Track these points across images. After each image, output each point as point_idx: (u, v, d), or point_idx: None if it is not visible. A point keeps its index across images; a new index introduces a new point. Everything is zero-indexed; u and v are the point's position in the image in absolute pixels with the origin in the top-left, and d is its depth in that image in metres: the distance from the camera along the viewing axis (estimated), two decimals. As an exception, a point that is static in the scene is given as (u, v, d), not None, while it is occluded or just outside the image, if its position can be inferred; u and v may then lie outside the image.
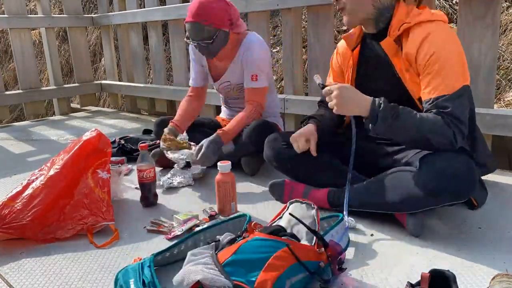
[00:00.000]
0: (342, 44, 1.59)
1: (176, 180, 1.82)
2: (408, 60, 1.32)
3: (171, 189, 1.81)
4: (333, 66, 1.65)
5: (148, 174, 1.60)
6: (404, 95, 1.37)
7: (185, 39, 1.90)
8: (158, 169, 2.11)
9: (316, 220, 1.15)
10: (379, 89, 1.42)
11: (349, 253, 1.23)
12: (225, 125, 2.20)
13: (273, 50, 3.72)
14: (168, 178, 1.84)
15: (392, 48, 1.35)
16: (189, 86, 2.16)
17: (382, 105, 1.23)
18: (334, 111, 1.27)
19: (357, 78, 1.53)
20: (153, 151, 2.05)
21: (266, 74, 1.94)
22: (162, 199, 1.71)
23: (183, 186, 1.83)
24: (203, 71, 2.12)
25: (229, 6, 1.83)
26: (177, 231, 1.39)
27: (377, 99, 1.26)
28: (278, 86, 3.43)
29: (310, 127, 1.55)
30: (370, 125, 1.25)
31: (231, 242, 1.07)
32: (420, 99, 1.34)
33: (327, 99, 1.29)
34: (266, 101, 1.98)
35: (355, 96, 1.27)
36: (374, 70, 1.46)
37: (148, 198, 1.64)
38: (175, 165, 1.88)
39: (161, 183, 1.81)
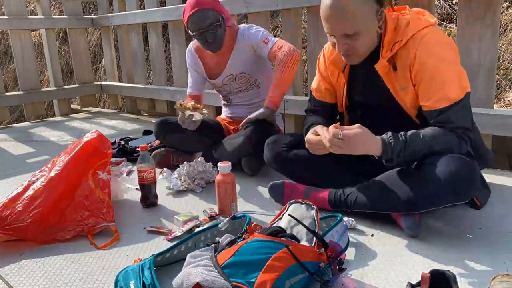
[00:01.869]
0: (328, 52, 1.51)
1: (184, 185, 1.80)
2: (404, 78, 1.30)
3: (171, 189, 1.81)
4: (321, 72, 1.55)
5: (148, 175, 1.60)
6: (399, 112, 1.37)
7: (192, 34, 1.90)
8: (158, 170, 2.11)
9: (316, 221, 1.15)
10: (374, 104, 1.42)
11: (349, 254, 1.23)
12: (226, 125, 2.22)
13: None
14: (176, 178, 1.82)
15: (385, 68, 1.32)
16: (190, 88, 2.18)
17: (393, 143, 1.22)
18: (335, 151, 1.24)
19: (349, 94, 1.49)
20: (154, 152, 2.06)
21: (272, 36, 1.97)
22: (162, 199, 1.71)
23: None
24: (200, 78, 2.16)
25: (219, 1, 1.90)
26: (177, 232, 1.39)
27: (386, 137, 1.24)
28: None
29: None
30: (383, 160, 1.26)
31: (231, 243, 1.07)
32: (418, 115, 1.33)
33: (333, 141, 1.22)
34: (288, 44, 1.93)
35: (366, 139, 1.23)
36: (367, 88, 1.43)
37: (148, 198, 1.64)
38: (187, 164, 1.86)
39: (170, 186, 1.81)
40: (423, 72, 1.25)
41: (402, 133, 1.25)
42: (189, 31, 1.91)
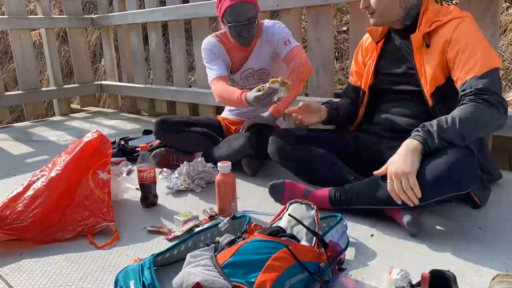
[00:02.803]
0: (367, 37, 1.68)
1: (184, 185, 1.80)
2: (434, 54, 1.39)
3: (171, 189, 1.81)
4: (357, 61, 1.72)
5: (148, 175, 1.60)
6: (415, 91, 1.46)
7: (227, 24, 1.85)
8: (157, 170, 2.11)
9: (316, 221, 1.15)
10: (395, 82, 1.54)
11: (349, 254, 1.23)
12: (226, 125, 2.21)
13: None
14: (176, 178, 1.82)
15: (418, 42, 1.41)
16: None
17: (421, 131, 1.26)
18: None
19: (376, 70, 1.61)
20: (154, 152, 2.06)
21: (293, 38, 1.98)
22: (162, 199, 1.71)
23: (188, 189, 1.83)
24: (225, 64, 2.07)
25: None
26: (177, 232, 1.39)
27: (412, 134, 1.28)
28: (278, 87, 3.42)
29: (321, 107, 1.70)
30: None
31: (231, 243, 1.07)
32: (433, 93, 1.41)
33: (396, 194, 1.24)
34: (305, 54, 1.96)
35: (404, 159, 1.23)
36: (393, 64, 1.54)
37: (148, 198, 1.65)
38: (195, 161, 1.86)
39: (170, 185, 1.81)
40: (459, 45, 1.34)
41: (426, 123, 1.28)
42: (224, 20, 1.87)
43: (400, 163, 1.22)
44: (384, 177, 1.31)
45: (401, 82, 1.52)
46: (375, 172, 1.32)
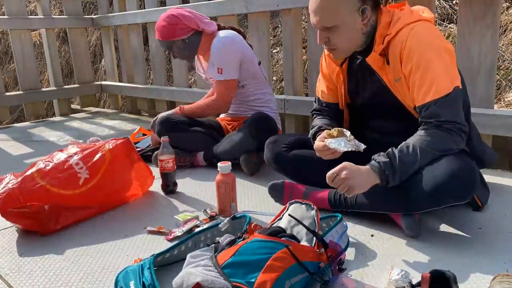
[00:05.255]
0: (328, 54, 1.50)
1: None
2: (396, 69, 1.30)
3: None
4: (324, 72, 1.57)
5: (167, 164, 1.69)
6: (397, 106, 1.36)
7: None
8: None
9: (316, 221, 1.15)
10: (371, 100, 1.43)
11: (349, 254, 1.22)
12: (225, 125, 2.22)
13: (273, 51, 3.72)
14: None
15: (378, 61, 1.32)
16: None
17: (384, 167, 1.20)
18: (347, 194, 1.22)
19: (349, 91, 1.49)
20: (156, 152, 2.06)
21: (234, 67, 2.01)
22: (163, 199, 1.71)
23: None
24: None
25: (179, 18, 1.99)
26: (177, 232, 1.39)
27: (375, 164, 1.21)
28: (278, 87, 3.43)
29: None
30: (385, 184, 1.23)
31: (231, 243, 1.07)
32: (415, 107, 1.31)
33: (332, 183, 1.22)
34: (231, 96, 2.07)
35: (360, 173, 1.21)
36: (363, 83, 1.43)
37: (169, 186, 1.76)
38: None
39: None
40: (411, 64, 1.24)
41: (390, 153, 1.22)
42: None
43: (357, 180, 1.19)
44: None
45: (376, 100, 1.41)
46: (328, 173, 1.22)
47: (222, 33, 2.04)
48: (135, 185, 1.69)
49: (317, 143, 1.35)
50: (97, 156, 1.59)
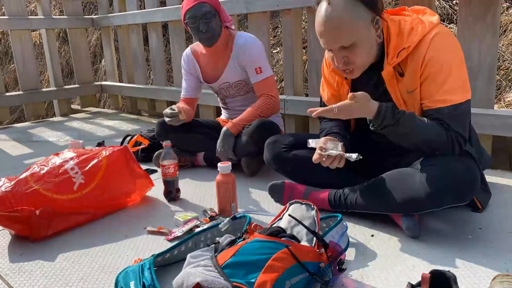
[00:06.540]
0: (329, 60, 1.47)
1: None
2: (412, 81, 1.28)
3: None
4: (326, 79, 1.56)
5: (169, 170, 1.66)
6: None
7: (186, 23, 1.92)
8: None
9: (316, 221, 1.15)
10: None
11: (350, 254, 1.22)
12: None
13: (273, 51, 3.72)
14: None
15: (390, 74, 1.31)
16: (180, 99, 2.18)
17: (386, 114, 1.21)
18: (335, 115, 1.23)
19: None
20: (156, 152, 2.07)
21: (268, 64, 1.99)
22: (163, 200, 1.71)
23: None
24: (195, 81, 2.16)
25: (219, 3, 1.92)
26: (177, 232, 1.39)
27: (383, 107, 1.22)
28: (279, 87, 3.43)
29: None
30: (371, 125, 1.25)
31: (231, 243, 1.07)
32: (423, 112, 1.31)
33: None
34: (277, 91, 2.00)
35: (360, 109, 1.22)
36: (371, 95, 1.38)
37: (171, 192, 1.70)
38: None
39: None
40: (430, 70, 1.24)
41: (401, 110, 1.23)
42: (186, 23, 1.92)
43: (361, 109, 1.22)
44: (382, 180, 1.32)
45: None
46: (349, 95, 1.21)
47: (243, 33, 2.01)
48: (135, 194, 1.66)
49: (314, 157, 1.34)
50: (93, 162, 1.56)
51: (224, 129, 1.90)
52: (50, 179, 1.47)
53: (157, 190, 1.77)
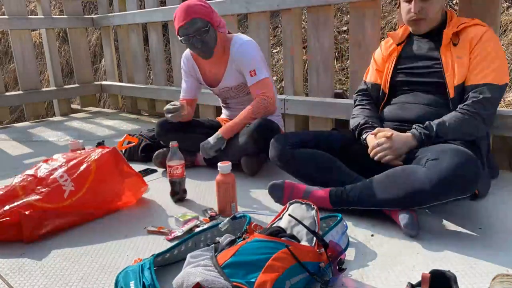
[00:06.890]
0: (386, 40, 1.79)
1: None
2: (463, 49, 1.50)
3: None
4: (376, 59, 1.79)
5: (176, 171, 1.65)
6: (434, 82, 1.55)
7: (181, 41, 1.91)
8: (161, 169, 2.11)
9: (316, 221, 1.15)
10: (412, 75, 1.62)
11: (350, 254, 1.23)
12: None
13: (273, 51, 3.72)
14: None
15: (448, 39, 1.53)
16: (180, 99, 2.18)
17: (423, 136, 1.44)
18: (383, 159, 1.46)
19: (396, 70, 1.67)
20: (157, 152, 2.07)
21: (264, 66, 1.98)
22: (162, 199, 1.71)
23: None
24: (195, 83, 2.16)
25: (211, 9, 1.90)
26: (177, 232, 1.39)
27: (416, 133, 1.45)
28: (279, 87, 3.43)
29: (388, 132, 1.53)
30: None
31: (231, 243, 1.07)
32: (457, 87, 1.49)
33: (375, 150, 1.47)
34: (273, 92, 1.98)
35: (401, 140, 1.45)
36: (412, 61, 1.64)
37: (178, 193, 1.69)
38: None
39: None
40: (481, 50, 1.47)
41: (427, 124, 1.45)
42: (180, 40, 1.91)
43: (399, 145, 1.45)
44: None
45: (419, 74, 1.60)
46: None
47: (241, 36, 2.00)
48: (127, 195, 1.64)
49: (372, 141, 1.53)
50: (82, 167, 1.55)
51: (217, 133, 1.93)
52: (39, 190, 1.47)
53: (156, 190, 1.77)
